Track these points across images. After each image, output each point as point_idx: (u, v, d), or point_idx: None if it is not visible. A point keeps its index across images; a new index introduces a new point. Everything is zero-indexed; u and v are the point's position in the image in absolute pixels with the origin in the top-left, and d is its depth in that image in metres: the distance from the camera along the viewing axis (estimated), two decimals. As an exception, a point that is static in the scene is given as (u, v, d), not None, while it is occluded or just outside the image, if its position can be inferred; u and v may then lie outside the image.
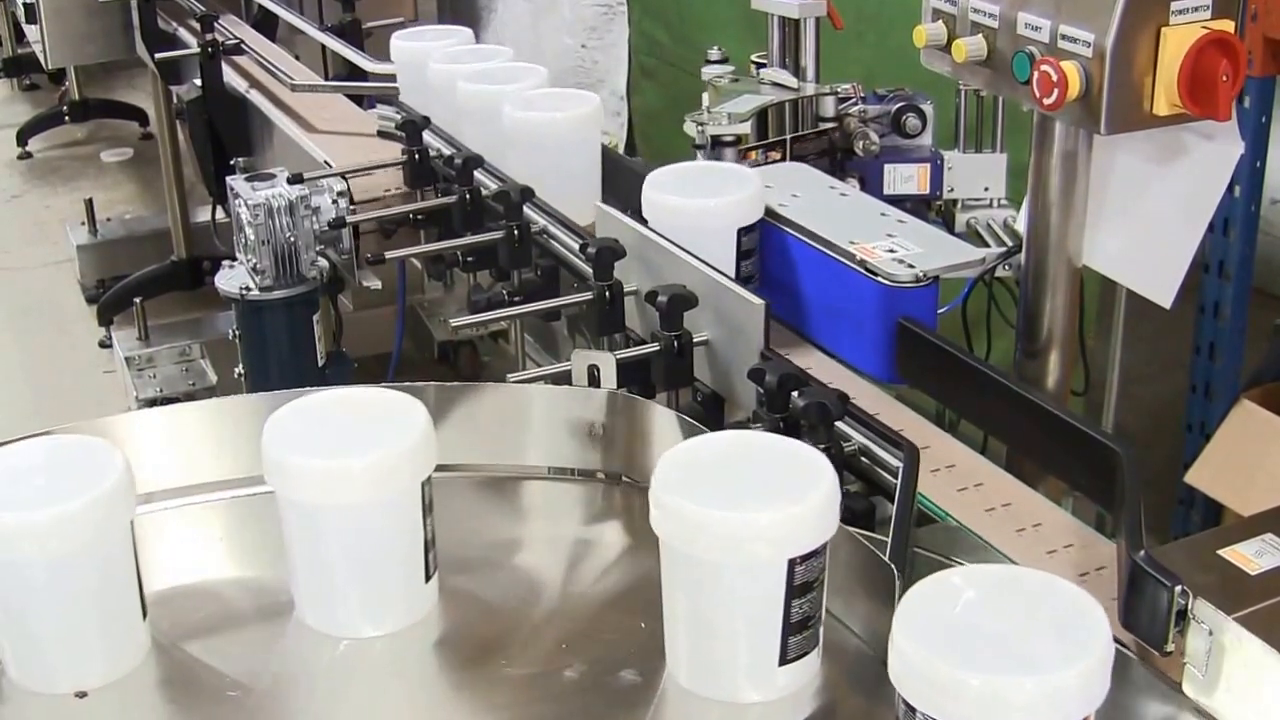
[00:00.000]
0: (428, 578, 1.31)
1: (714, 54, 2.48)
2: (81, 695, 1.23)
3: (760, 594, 1.15)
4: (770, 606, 1.15)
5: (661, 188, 1.86)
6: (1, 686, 1.24)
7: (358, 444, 1.27)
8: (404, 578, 1.30)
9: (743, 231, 1.82)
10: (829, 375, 1.68)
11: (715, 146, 2.25)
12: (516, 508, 1.55)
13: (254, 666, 1.26)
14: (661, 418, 1.47)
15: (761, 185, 1.86)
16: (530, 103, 2.18)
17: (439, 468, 1.32)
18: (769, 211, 1.90)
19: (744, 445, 1.25)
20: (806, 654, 1.19)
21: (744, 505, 1.14)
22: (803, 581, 1.15)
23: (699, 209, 1.82)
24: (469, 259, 2.07)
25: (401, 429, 1.29)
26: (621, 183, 2.12)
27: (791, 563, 1.14)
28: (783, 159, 2.27)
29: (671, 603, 1.19)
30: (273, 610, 1.32)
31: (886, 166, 2.30)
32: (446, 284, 2.44)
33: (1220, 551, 1.24)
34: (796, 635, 1.17)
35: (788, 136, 2.32)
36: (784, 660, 1.17)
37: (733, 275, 1.75)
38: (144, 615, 1.28)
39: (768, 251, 1.86)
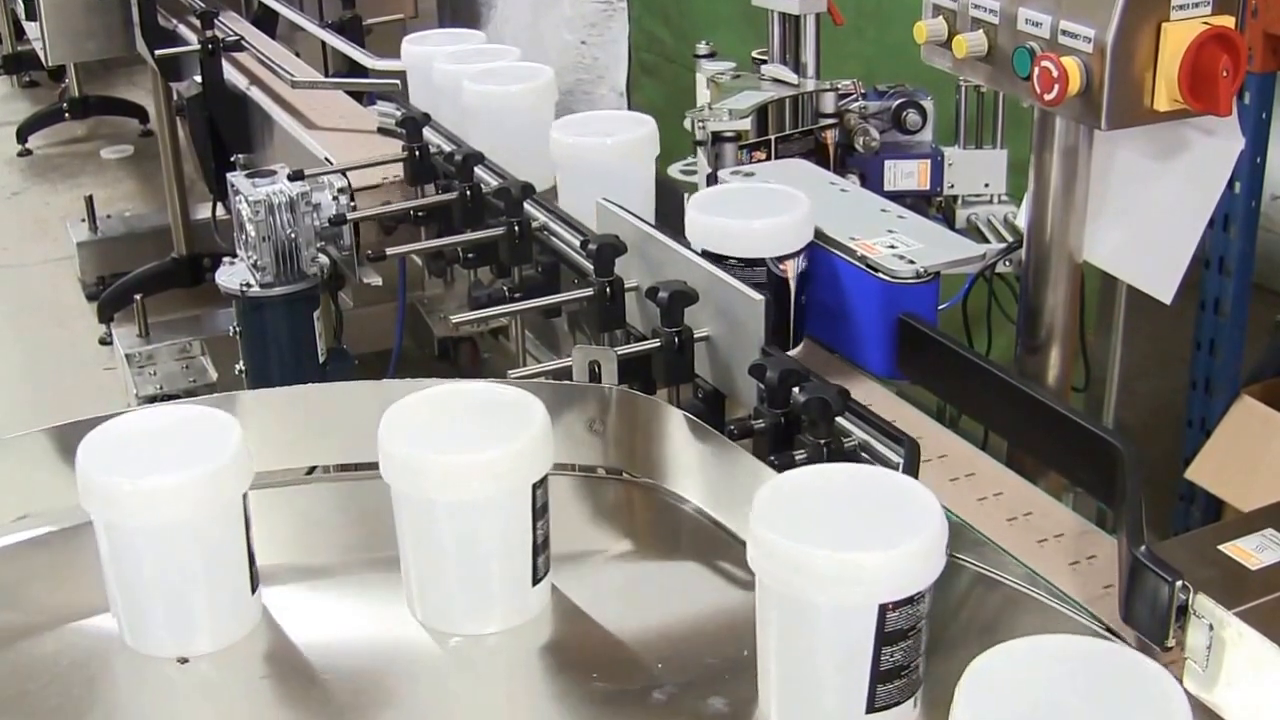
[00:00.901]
0: (536, 581, 1.29)
1: (702, 48, 2.47)
2: (183, 661, 1.25)
3: (847, 637, 1.10)
4: (858, 651, 1.10)
5: (704, 208, 1.77)
6: (113, 647, 1.27)
7: (475, 440, 1.26)
8: (511, 579, 1.28)
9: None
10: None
11: (716, 142, 2.25)
12: (604, 510, 1.52)
13: (357, 652, 1.28)
14: (662, 414, 1.47)
15: (810, 208, 1.74)
16: (582, 126, 2.09)
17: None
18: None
19: (852, 479, 1.19)
20: (898, 704, 1.12)
21: (836, 543, 1.08)
22: (895, 629, 1.09)
23: (743, 231, 1.72)
24: (469, 255, 2.07)
25: (519, 427, 1.28)
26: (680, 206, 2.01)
27: (883, 608, 1.08)
28: (768, 158, 2.26)
29: (764, 636, 1.14)
30: (383, 599, 1.32)
31: (887, 162, 2.30)
32: (447, 281, 2.44)
33: (1221, 547, 1.24)
34: (886, 684, 1.11)
35: (772, 136, 2.31)
36: (872, 709, 1.11)
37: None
38: (253, 589, 1.29)
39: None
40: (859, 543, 1.09)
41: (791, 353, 1.65)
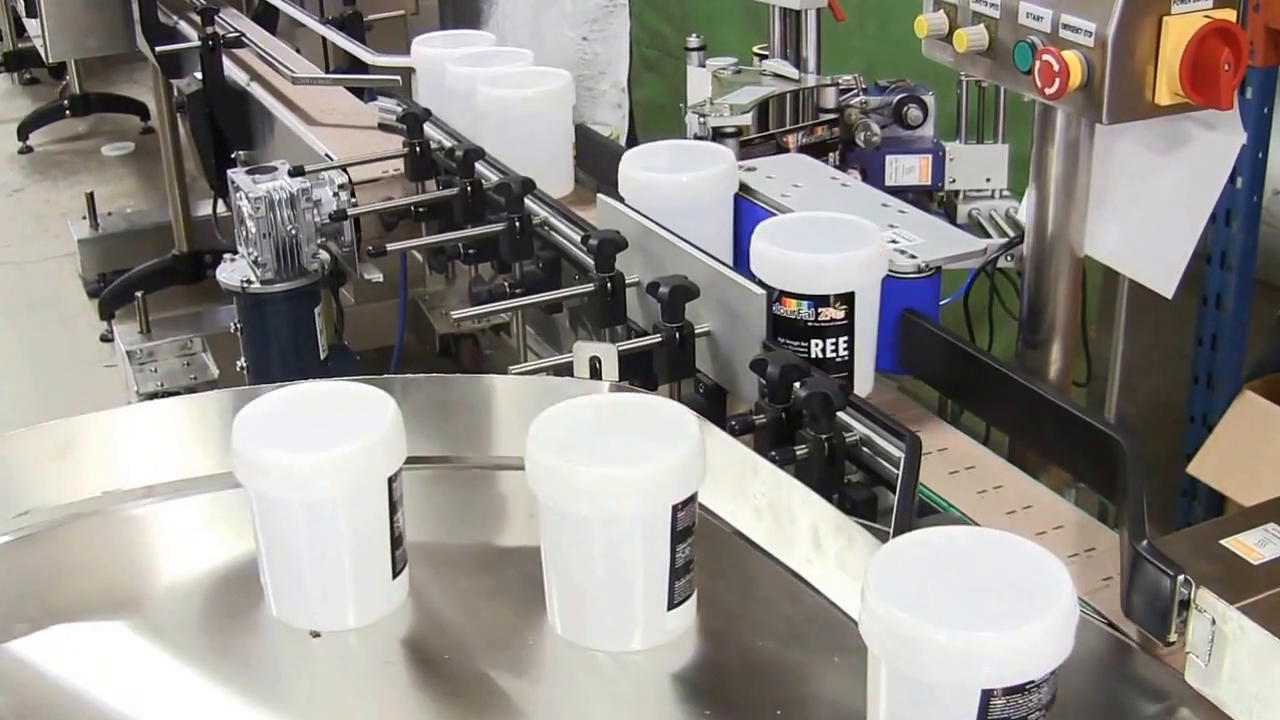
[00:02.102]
0: (672, 604, 1.24)
1: (693, 41, 2.47)
2: (315, 635, 1.26)
3: (949, 719, 1.01)
4: None
5: (770, 238, 1.65)
6: (257, 613, 1.29)
7: (625, 454, 1.21)
8: (649, 600, 1.23)
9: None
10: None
11: (717, 138, 2.25)
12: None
13: (489, 649, 1.25)
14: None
15: (882, 240, 1.65)
16: (652, 161, 1.96)
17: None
18: (771, 204, 1.90)
19: (977, 543, 1.10)
20: None
21: (943, 618, 0.99)
22: (1002, 718, 1.00)
23: (813, 264, 1.61)
24: (470, 251, 2.07)
25: (671, 441, 1.23)
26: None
27: (987, 694, 0.98)
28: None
29: (873, 703, 1.07)
30: (526, 598, 1.29)
31: (888, 158, 2.30)
32: (448, 276, 2.44)
33: (1223, 541, 1.24)
34: None
35: (773, 132, 2.31)
36: None
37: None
38: (395, 572, 1.28)
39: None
40: (969, 620, 1.00)
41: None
